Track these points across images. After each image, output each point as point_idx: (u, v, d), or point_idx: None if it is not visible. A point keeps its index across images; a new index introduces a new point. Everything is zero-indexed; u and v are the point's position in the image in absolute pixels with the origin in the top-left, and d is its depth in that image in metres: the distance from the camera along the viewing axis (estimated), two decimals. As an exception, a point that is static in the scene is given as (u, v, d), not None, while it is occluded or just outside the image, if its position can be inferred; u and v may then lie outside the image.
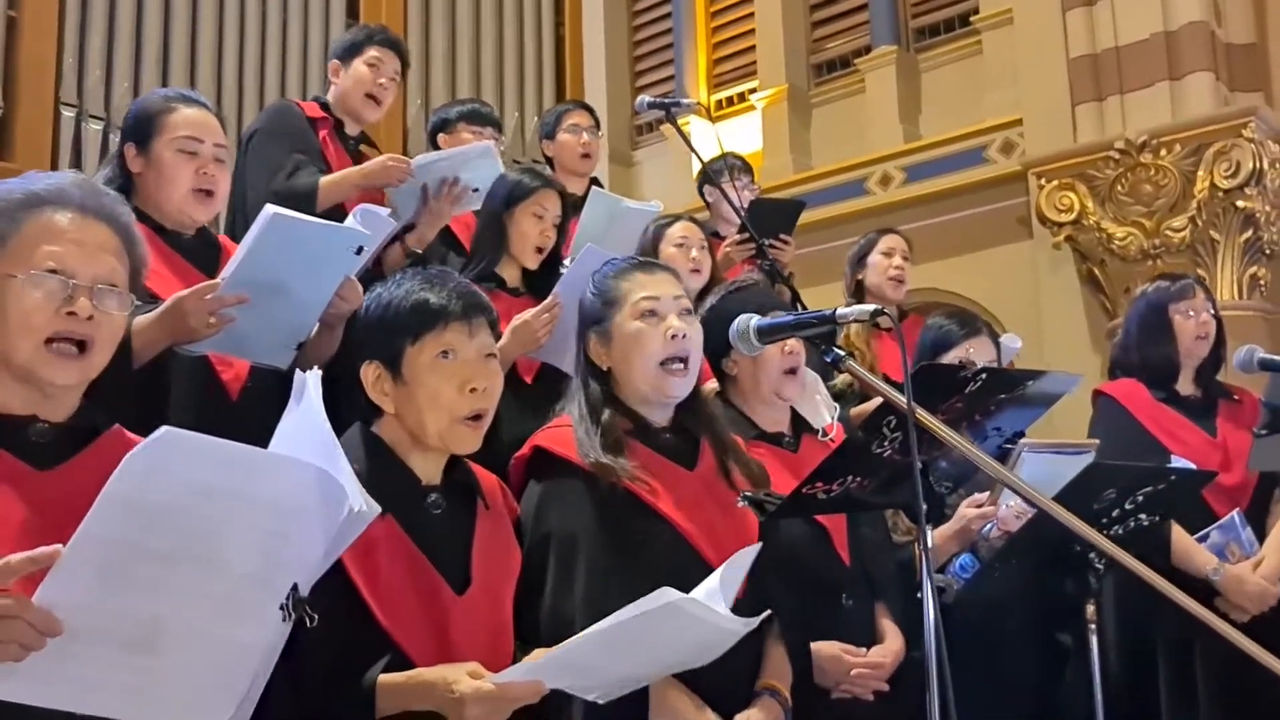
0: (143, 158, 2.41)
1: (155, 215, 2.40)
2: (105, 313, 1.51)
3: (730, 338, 1.75)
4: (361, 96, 3.39)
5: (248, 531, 1.28)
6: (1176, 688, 2.71)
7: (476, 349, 1.83)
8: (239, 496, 1.26)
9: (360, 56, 3.39)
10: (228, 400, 2.34)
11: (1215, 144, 5.01)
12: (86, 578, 1.21)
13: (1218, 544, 2.77)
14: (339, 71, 3.41)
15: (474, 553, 1.83)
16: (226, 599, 1.29)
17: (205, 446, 1.24)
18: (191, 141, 2.40)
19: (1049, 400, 1.94)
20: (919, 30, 6.58)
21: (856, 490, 1.79)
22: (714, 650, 1.65)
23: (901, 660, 2.32)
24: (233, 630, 1.31)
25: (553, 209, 3.04)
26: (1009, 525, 2.40)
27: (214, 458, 1.25)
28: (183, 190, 2.39)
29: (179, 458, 1.22)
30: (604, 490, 1.98)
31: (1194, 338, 3.04)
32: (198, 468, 1.23)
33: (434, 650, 1.71)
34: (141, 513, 1.21)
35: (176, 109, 2.43)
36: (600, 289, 2.15)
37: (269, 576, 1.33)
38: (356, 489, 1.39)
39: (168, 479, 1.21)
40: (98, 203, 1.56)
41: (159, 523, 1.22)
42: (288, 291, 2.19)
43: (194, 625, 1.27)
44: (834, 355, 1.57)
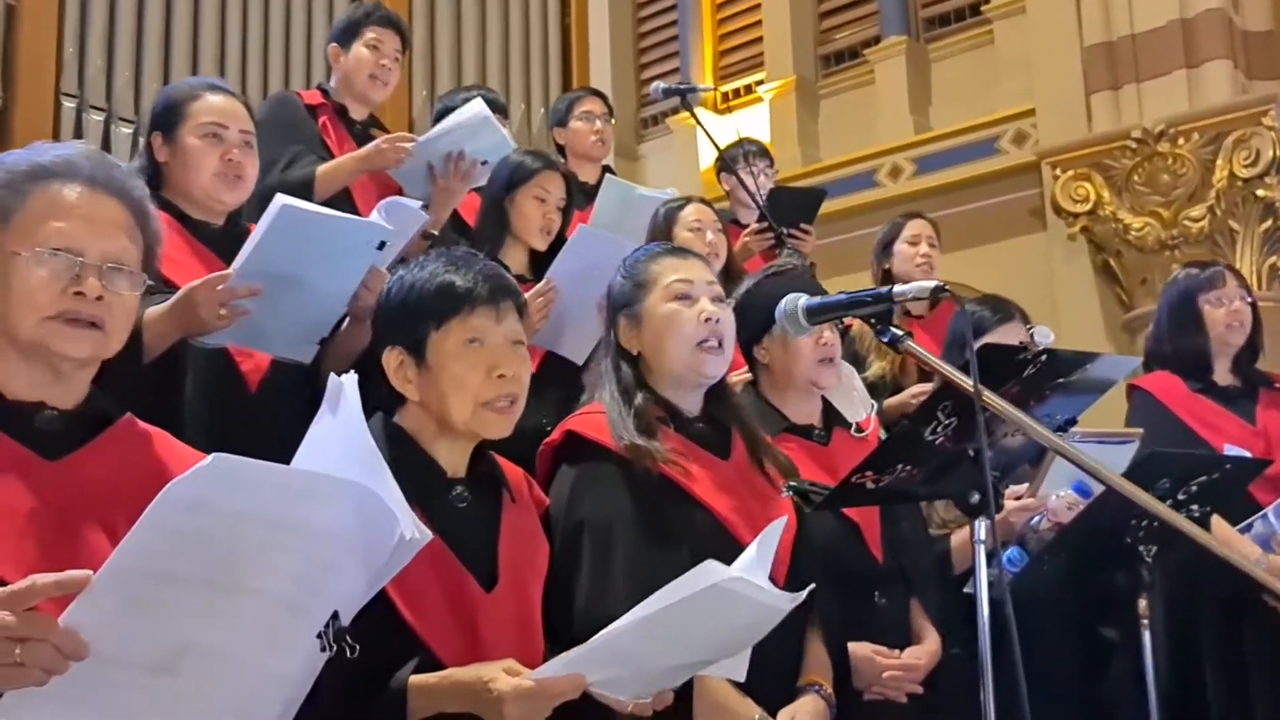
0: (169, 146, 2.39)
1: (182, 204, 2.38)
2: (115, 293, 1.42)
3: (777, 317, 1.67)
4: (366, 79, 3.31)
5: (287, 557, 1.20)
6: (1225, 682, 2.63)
7: (504, 335, 1.75)
8: (282, 523, 1.17)
9: (359, 39, 3.31)
10: (246, 391, 2.28)
11: (1234, 132, 4.93)
12: (115, 603, 1.13)
13: (1261, 534, 2.69)
14: (339, 56, 3.34)
15: (501, 547, 1.75)
16: (258, 625, 1.20)
17: (256, 474, 1.14)
18: (216, 127, 2.37)
19: (1103, 386, 1.86)
20: (929, 20, 6.50)
21: (905, 480, 1.70)
22: (758, 632, 1.57)
23: (938, 661, 2.25)
24: (264, 657, 1.23)
25: (555, 191, 2.96)
26: (1060, 517, 2.32)
27: (264, 484, 1.15)
28: (208, 175, 2.35)
29: (227, 486, 1.13)
30: (639, 475, 1.91)
31: (1225, 326, 2.98)
32: (245, 496, 1.14)
33: (463, 649, 1.63)
34: (179, 540, 1.13)
35: (201, 96, 2.40)
36: (631, 272, 2.08)
37: (307, 603, 1.25)
38: (408, 515, 1.30)
39: (212, 508, 1.12)
40: (108, 176, 1.47)
41: (195, 549, 1.14)
42: (305, 284, 2.12)
43: (222, 650, 1.19)
44: (891, 335, 1.49)
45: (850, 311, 1.57)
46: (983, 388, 1.39)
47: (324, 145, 3.21)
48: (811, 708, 1.92)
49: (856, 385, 2.63)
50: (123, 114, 5.37)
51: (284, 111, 3.26)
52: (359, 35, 3.30)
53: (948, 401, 1.54)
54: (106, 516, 1.37)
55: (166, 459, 1.49)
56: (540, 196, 2.94)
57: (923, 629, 2.30)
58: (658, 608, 1.42)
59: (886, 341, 1.50)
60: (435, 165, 3.14)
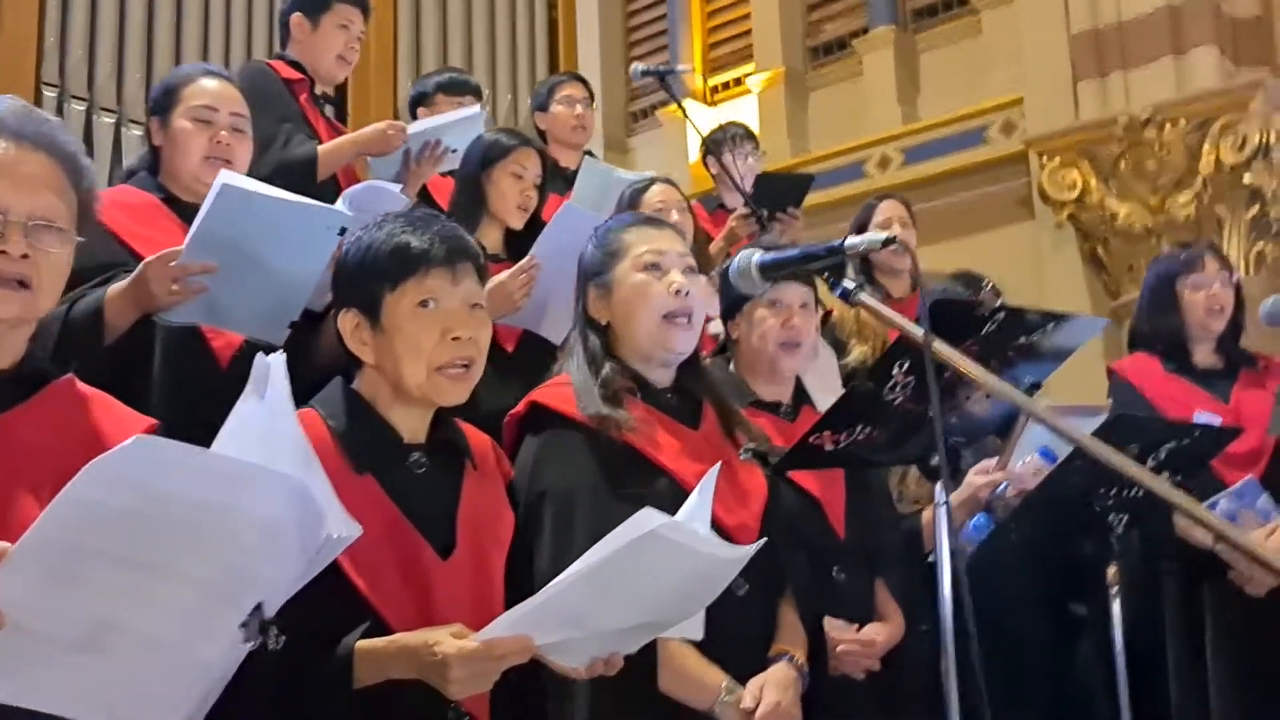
0: (163, 131, 2.40)
1: (175, 188, 2.39)
2: (44, 250, 1.38)
3: (731, 275, 1.65)
4: (334, 58, 3.27)
5: (212, 542, 1.17)
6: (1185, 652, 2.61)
7: (461, 297, 1.71)
8: (208, 507, 1.15)
9: (329, 14, 3.24)
10: (217, 369, 2.25)
11: (1221, 118, 4.92)
12: (35, 574, 1.11)
13: (1228, 511, 2.65)
14: (303, 26, 3.25)
15: (460, 515, 1.72)
16: (184, 609, 1.18)
17: (181, 456, 1.12)
18: (206, 110, 2.37)
19: (1068, 349, 1.83)
20: (917, 10, 6.49)
21: (866, 442, 1.68)
22: (711, 587, 1.54)
23: (900, 639, 2.23)
24: (190, 642, 1.21)
25: (532, 168, 2.93)
26: (1026, 483, 2.29)
27: (188, 467, 1.13)
28: (196, 159, 2.36)
29: (150, 467, 1.11)
30: (604, 444, 1.89)
31: (1205, 311, 2.94)
32: (170, 478, 1.12)
33: (415, 617, 1.60)
34: (101, 518, 1.10)
35: (195, 80, 2.41)
36: (602, 241, 2.06)
37: (233, 592, 1.22)
38: (336, 511, 1.27)
39: (135, 487, 1.10)
40: (36, 130, 1.42)
41: (117, 526, 1.11)
42: (263, 265, 2.10)
43: (147, 632, 1.17)
44: (843, 289, 1.47)
45: (803, 264, 1.55)
46: (934, 337, 1.37)
47: (307, 121, 3.19)
48: (781, 676, 1.88)
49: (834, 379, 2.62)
50: (104, 104, 5.35)
51: (264, 83, 3.20)
52: (328, 10, 3.24)
53: (904, 358, 1.52)
54: (36, 480, 1.33)
55: (104, 423, 1.46)
56: (517, 173, 2.91)
57: (886, 607, 2.28)
58: (598, 558, 1.38)
59: (839, 295, 1.48)
60: (413, 150, 3.13)
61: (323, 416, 1.70)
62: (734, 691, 1.81)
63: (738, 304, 2.39)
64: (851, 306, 1.43)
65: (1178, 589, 2.71)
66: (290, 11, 3.31)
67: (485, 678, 1.49)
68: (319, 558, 1.29)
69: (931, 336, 1.36)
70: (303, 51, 3.28)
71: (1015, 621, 2.44)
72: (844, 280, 1.46)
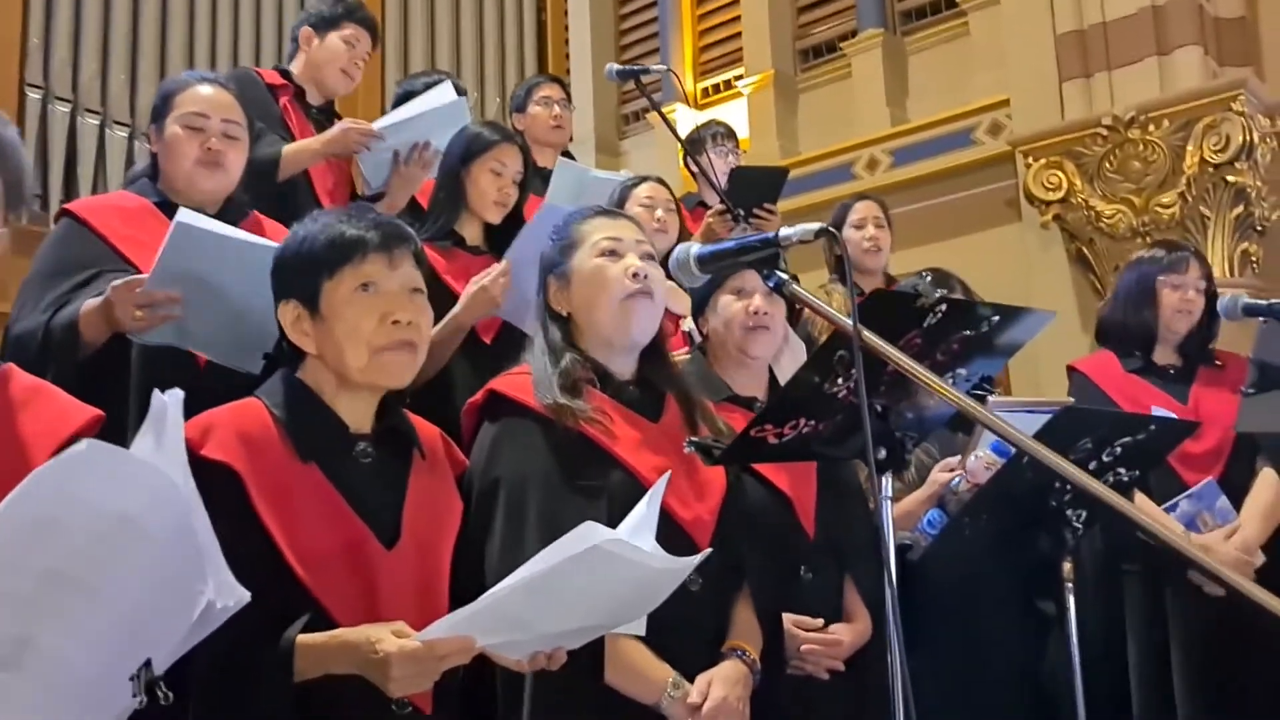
0: (159, 138, 2.44)
1: (171, 194, 2.42)
2: None
3: (670, 268, 1.65)
4: (337, 72, 3.35)
5: (140, 565, 1.13)
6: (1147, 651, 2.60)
7: (399, 281, 1.72)
8: (145, 526, 1.11)
9: (337, 31, 3.33)
10: (195, 368, 2.25)
11: (1205, 118, 4.90)
12: None
13: (1187, 513, 2.65)
14: (311, 40, 3.34)
15: (406, 506, 1.72)
16: (99, 635, 1.14)
17: (131, 468, 1.09)
18: (197, 117, 2.40)
19: (1017, 345, 1.82)
20: (905, 13, 6.49)
21: (810, 435, 1.67)
22: (656, 594, 1.54)
23: (866, 640, 2.21)
24: (99, 674, 1.17)
25: (512, 164, 2.93)
26: (978, 477, 2.29)
27: (136, 480, 1.10)
28: (187, 164, 2.39)
29: (97, 478, 1.07)
30: (559, 434, 1.88)
31: (1174, 311, 2.96)
32: (107, 485, 1.08)
33: (359, 608, 1.60)
34: (35, 530, 1.08)
35: (189, 87, 2.45)
36: (560, 234, 2.07)
37: (139, 630, 1.17)
38: (225, 578, 1.20)
39: (76, 501, 1.07)
40: None
41: (51, 538, 1.09)
42: (228, 298, 2.11)
43: (64, 655, 1.13)
44: (776, 279, 1.47)
45: (739, 257, 1.54)
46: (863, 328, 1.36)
47: (285, 126, 3.22)
48: (730, 672, 1.87)
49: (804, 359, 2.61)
50: (89, 105, 5.35)
51: (245, 89, 3.23)
52: (338, 27, 3.33)
53: (842, 350, 1.51)
54: None
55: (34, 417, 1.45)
56: (496, 170, 2.91)
57: (854, 608, 2.26)
58: (540, 569, 1.39)
59: (772, 286, 1.48)
60: (400, 152, 3.13)
61: (267, 406, 1.71)
62: (680, 686, 1.80)
63: (703, 299, 2.40)
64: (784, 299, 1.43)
65: (1139, 587, 2.71)
66: (301, 25, 3.41)
67: (426, 677, 1.50)
68: (199, 625, 1.21)
69: (860, 328, 1.35)
70: (306, 63, 3.36)
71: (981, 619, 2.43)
72: (776, 272, 1.46)
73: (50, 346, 2.15)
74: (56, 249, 2.37)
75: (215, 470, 1.58)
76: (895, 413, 1.77)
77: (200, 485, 1.56)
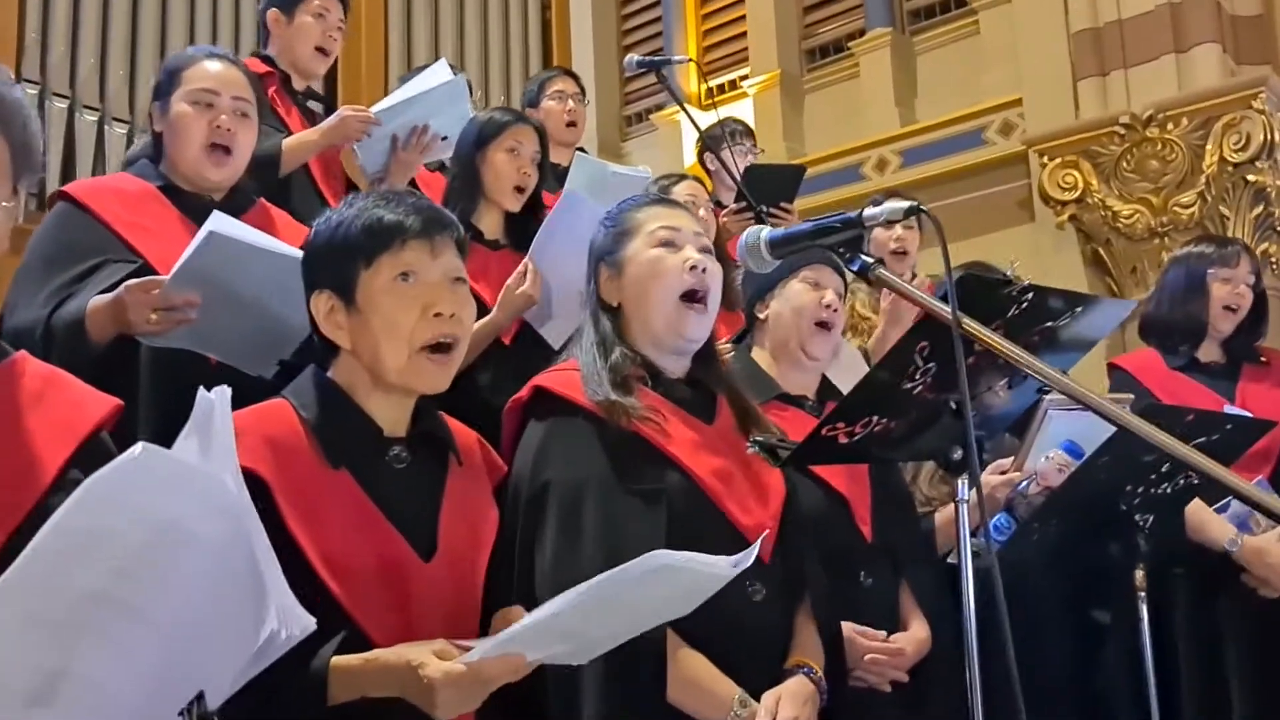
0: (164, 117, 2.30)
1: (175, 178, 2.31)
2: None
3: (739, 253, 1.55)
4: (311, 50, 3.19)
5: (191, 581, 1.03)
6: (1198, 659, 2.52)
7: (441, 271, 1.60)
8: (197, 535, 1.01)
9: (303, 5, 3.16)
10: (206, 366, 2.14)
11: (1224, 117, 4.84)
12: (13, 618, 0.97)
13: (1239, 514, 2.58)
14: (279, 21, 3.18)
15: (443, 514, 1.61)
16: (140, 661, 1.04)
17: (182, 472, 1.00)
18: (206, 94, 2.27)
19: (1092, 338, 1.73)
20: (914, 12, 6.42)
21: (881, 434, 1.58)
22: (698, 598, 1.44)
23: (926, 650, 2.12)
24: (140, 704, 1.06)
25: (528, 144, 2.83)
26: (1050, 479, 2.19)
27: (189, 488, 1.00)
28: (196, 147, 2.26)
29: (151, 484, 0.97)
30: (612, 433, 1.77)
31: (1222, 306, 2.89)
32: (166, 498, 0.99)
33: (393, 623, 1.50)
34: (83, 545, 0.98)
35: (198, 63, 2.32)
36: (614, 220, 1.96)
37: (183, 659, 1.07)
38: (288, 603, 1.10)
39: (128, 511, 0.98)
40: None
41: (95, 554, 0.98)
42: (254, 306, 2.01)
43: (101, 688, 1.03)
44: (861, 263, 1.37)
45: (817, 239, 1.45)
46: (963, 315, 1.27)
47: (275, 115, 3.10)
48: (797, 689, 1.76)
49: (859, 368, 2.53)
50: (87, 101, 5.22)
51: None
52: (303, 1, 3.17)
53: (925, 341, 1.42)
54: None
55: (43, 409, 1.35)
56: (512, 148, 2.81)
57: (911, 615, 2.17)
58: (600, 583, 1.30)
59: (856, 270, 1.38)
60: (399, 136, 3.03)
61: (295, 408, 1.59)
62: (747, 705, 1.70)
63: (768, 284, 2.30)
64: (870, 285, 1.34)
65: (1189, 592, 2.63)
66: (267, 8, 3.23)
67: (473, 699, 1.39)
68: (265, 650, 1.11)
69: (960, 315, 1.25)
70: (281, 47, 3.20)
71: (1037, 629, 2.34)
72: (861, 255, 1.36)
73: (53, 344, 2.03)
74: (54, 234, 2.22)
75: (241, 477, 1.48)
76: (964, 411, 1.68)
77: None
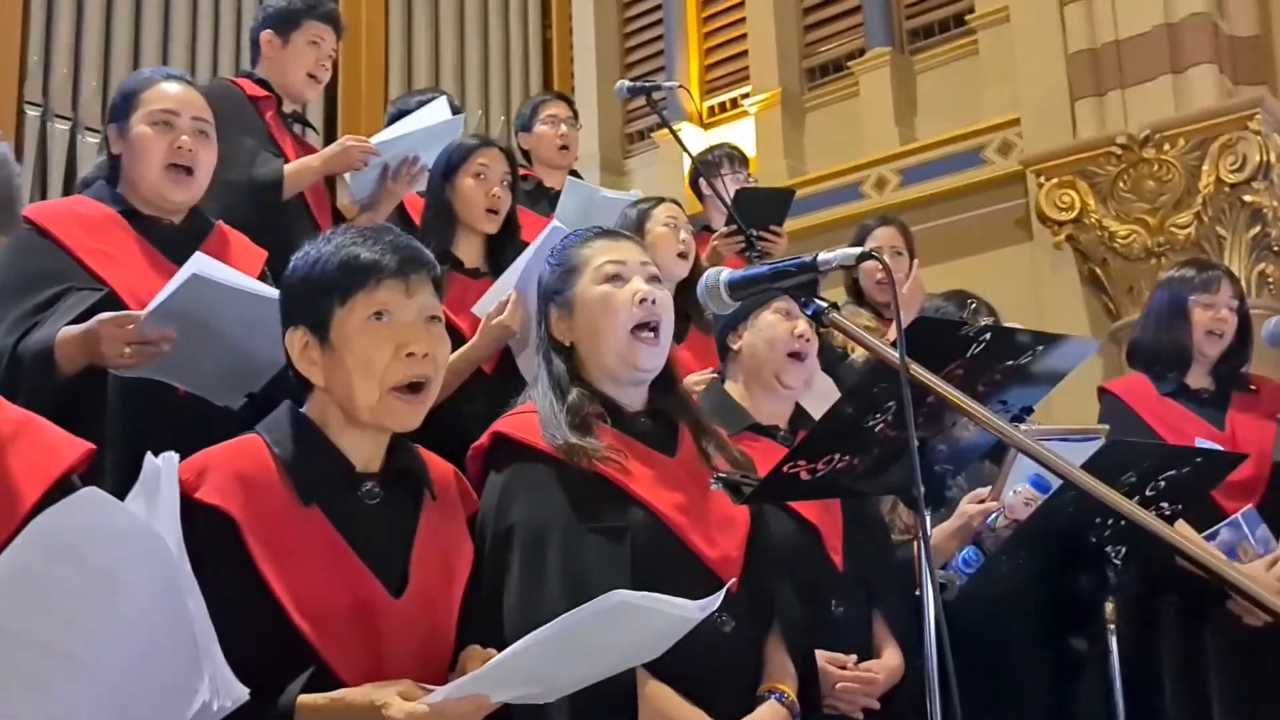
0: (122, 138, 2.31)
1: (134, 199, 2.31)
2: None
3: (699, 294, 1.56)
4: (303, 76, 3.21)
5: (124, 631, 1.04)
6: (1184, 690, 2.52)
7: (416, 310, 1.62)
8: (131, 585, 1.03)
9: (300, 31, 3.18)
10: (173, 396, 2.17)
11: (1220, 137, 4.83)
12: None
13: (1228, 542, 2.58)
14: (272, 43, 3.19)
15: (415, 550, 1.63)
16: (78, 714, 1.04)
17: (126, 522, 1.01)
18: (166, 114, 2.29)
19: (1059, 373, 1.74)
20: (913, 31, 6.43)
21: (845, 471, 1.59)
22: (666, 640, 1.46)
23: (900, 677, 2.14)
24: None
25: (495, 166, 2.86)
26: (1017, 513, 2.20)
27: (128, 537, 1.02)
28: (156, 168, 2.27)
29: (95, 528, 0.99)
30: (573, 475, 1.78)
31: (1205, 332, 2.89)
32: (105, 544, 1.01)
33: (362, 661, 1.51)
34: (28, 591, 0.99)
35: (155, 84, 2.33)
36: (559, 259, 1.97)
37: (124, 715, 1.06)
38: (223, 674, 1.11)
39: (69, 554, 0.99)
40: None
41: (36, 597, 1.00)
42: (228, 342, 2.04)
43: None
44: (815, 307, 1.38)
45: (774, 283, 1.46)
46: (912, 361, 1.28)
47: (272, 140, 3.12)
48: (769, 715, 1.78)
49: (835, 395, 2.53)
50: (89, 123, 5.27)
51: (230, 103, 3.14)
52: (299, 27, 3.18)
53: (883, 381, 1.43)
54: None
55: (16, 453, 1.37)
56: (478, 172, 2.84)
57: (884, 642, 2.20)
58: (565, 625, 1.32)
59: (811, 314, 1.40)
60: (390, 166, 3.07)
61: (268, 443, 1.61)
62: None
63: (740, 314, 2.31)
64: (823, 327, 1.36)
65: (1176, 621, 2.63)
66: (261, 28, 3.25)
67: None
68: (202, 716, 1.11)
69: (909, 361, 1.27)
70: (271, 69, 3.22)
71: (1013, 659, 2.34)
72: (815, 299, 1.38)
73: (19, 373, 2.04)
74: (17, 260, 2.20)
75: (211, 515, 1.49)
76: (930, 446, 1.69)
77: (195, 531, 1.46)
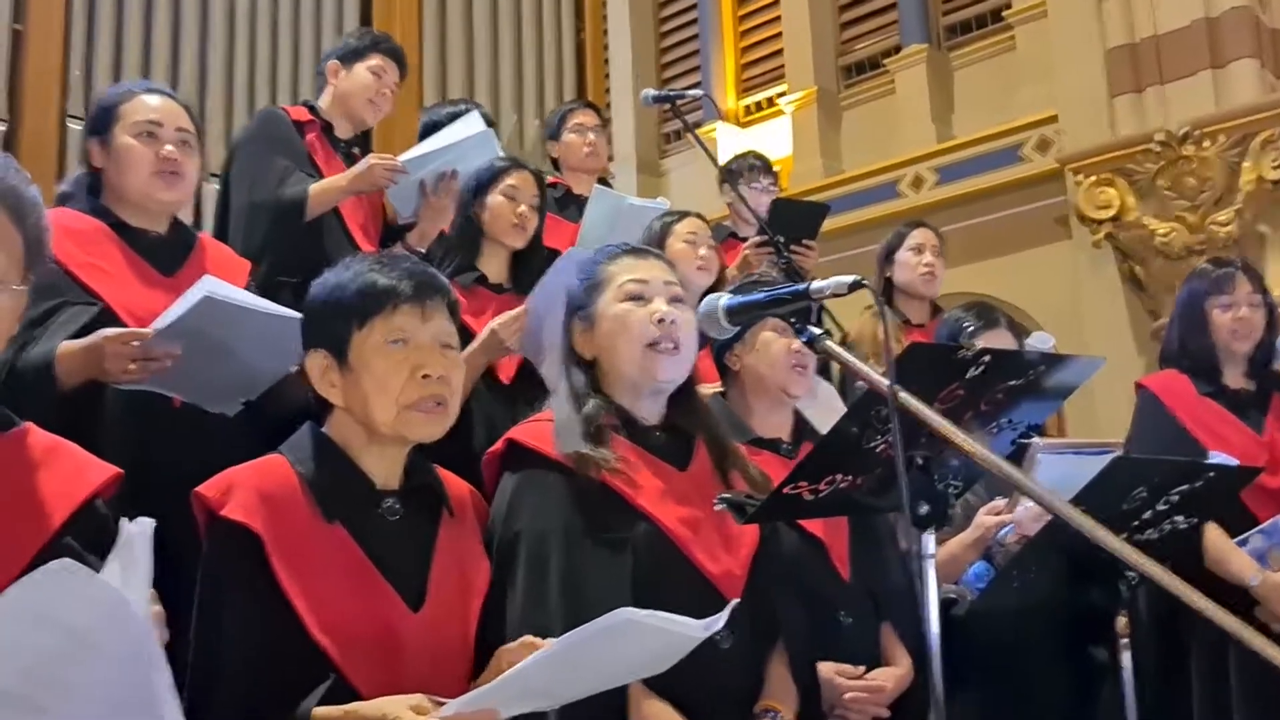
0: (104, 150, 2.33)
1: (120, 210, 2.33)
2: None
3: (697, 318, 1.57)
4: (365, 102, 3.30)
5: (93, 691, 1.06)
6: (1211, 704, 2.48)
7: (431, 335, 1.66)
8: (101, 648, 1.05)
9: (364, 62, 3.29)
10: (169, 407, 2.20)
11: (1261, 133, 4.77)
12: None
13: (1259, 549, 2.54)
14: (338, 72, 3.31)
15: (434, 565, 1.66)
16: None
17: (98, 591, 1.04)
18: (150, 125, 2.31)
19: (1068, 389, 1.73)
20: (950, 28, 6.40)
21: (847, 490, 1.59)
22: (672, 656, 1.48)
23: (908, 685, 2.14)
24: None
25: (525, 188, 2.89)
26: (1027, 528, 2.18)
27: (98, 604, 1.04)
28: (143, 174, 2.29)
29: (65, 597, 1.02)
30: (581, 485, 1.81)
31: (1229, 333, 2.82)
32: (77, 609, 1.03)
33: (381, 674, 1.53)
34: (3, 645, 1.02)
35: (136, 96, 2.35)
36: (585, 274, 1.99)
37: None
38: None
39: (42, 618, 1.02)
40: None
41: (13, 655, 1.02)
42: (232, 356, 2.07)
43: None
44: (809, 334, 1.39)
45: (770, 310, 1.47)
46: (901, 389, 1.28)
47: (311, 162, 3.18)
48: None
49: (836, 405, 2.54)
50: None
51: (271, 128, 3.23)
52: (364, 58, 3.29)
53: (880, 406, 1.43)
54: None
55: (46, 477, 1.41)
56: (509, 194, 2.87)
57: (894, 652, 2.19)
58: (573, 642, 1.34)
59: (805, 341, 1.41)
60: (428, 183, 3.10)
61: (291, 463, 1.65)
62: None
63: (740, 334, 2.32)
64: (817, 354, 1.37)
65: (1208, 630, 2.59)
66: (327, 59, 3.38)
67: None
68: None
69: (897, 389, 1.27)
70: (334, 96, 3.32)
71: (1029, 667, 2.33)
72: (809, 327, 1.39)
73: (20, 388, 2.06)
74: None
75: (236, 531, 1.54)
76: (938, 463, 1.69)
77: (220, 547, 1.55)
